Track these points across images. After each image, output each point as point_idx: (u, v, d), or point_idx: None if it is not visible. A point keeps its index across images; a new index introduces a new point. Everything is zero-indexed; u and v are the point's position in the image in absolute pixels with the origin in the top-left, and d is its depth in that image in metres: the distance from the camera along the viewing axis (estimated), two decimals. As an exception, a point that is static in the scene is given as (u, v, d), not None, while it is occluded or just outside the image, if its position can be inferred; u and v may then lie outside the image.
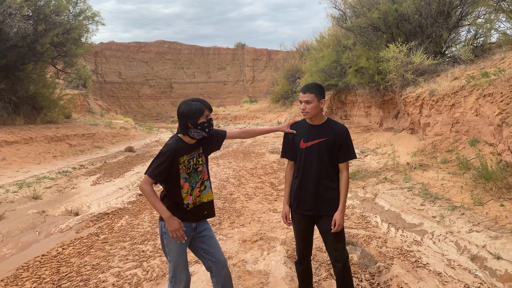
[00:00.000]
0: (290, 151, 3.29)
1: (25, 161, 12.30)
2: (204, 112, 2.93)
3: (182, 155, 2.94)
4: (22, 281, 4.48)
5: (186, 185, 2.99)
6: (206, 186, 3.14)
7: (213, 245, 3.14)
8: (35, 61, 17.16)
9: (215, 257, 3.13)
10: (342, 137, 3.12)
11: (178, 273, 3.00)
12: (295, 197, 3.23)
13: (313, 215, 3.19)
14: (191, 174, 3.01)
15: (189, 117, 2.91)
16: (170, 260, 3.01)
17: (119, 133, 21.51)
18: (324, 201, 3.14)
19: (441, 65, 12.26)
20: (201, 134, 2.97)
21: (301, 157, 3.17)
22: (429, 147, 9.28)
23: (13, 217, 6.79)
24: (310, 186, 3.14)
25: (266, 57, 68.52)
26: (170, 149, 2.89)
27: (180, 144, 2.96)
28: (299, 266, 3.41)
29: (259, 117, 37.15)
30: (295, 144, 3.23)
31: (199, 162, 3.07)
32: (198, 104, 2.93)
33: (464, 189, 6.11)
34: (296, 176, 3.24)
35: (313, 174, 3.13)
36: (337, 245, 3.14)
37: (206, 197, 3.13)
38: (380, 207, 6.55)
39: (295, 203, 3.24)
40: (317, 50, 21.82)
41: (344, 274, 3.19)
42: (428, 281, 3.97)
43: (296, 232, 3.30)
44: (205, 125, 2.94)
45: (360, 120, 18.54)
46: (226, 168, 11.87)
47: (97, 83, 55.11)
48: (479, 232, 4.63)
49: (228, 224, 6.35)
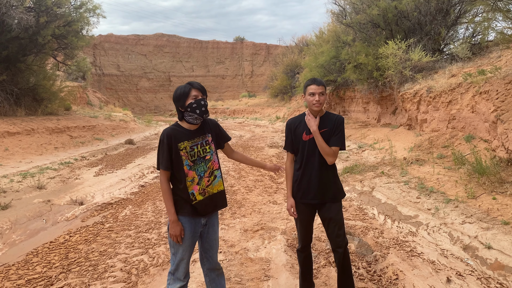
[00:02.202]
0: (292, 144, 3.40)
1: (27, 152, 12.44)
2: (190, 93, 2.89)
3: (181, 141, 2.89)
4: (32, 265, 4.67)
5: (191, 173, 2.92)
6: (217, 176, 3.06)
7: (213, 247, 3.13)
8: (36, 52, 17.25)
9: (212, 260, 3.15)
10: (337, 124, 3.29)
11: (180, 267, 2.98)
12: (299, 187, 3.35)
13: (316, 203, 3.34)
14: (197, 162, 2.94)
15: (176, 100, 2.92)
16: (175, 253, 2.97)
17: (118, 125, 21.64)
18: (327, 190, 3.30)
19: (439, 62, 12.44)
20: (193, 116, 2.89)
21: (304, 149, 3.30)
22: (426, 143, 9.48)
23: (19, 206, 6.96)
24: (314, 176, 3.28)
25: (265, 52, 68.60)
26: (164, 135, 2.88)
27: (178, 130, 2.93)
28: (301, 253, 3.57)
29: (257, 111, 37.28)
30: (297, 136, 3.34)
31: (206, 150, 3.00)
32: (183, 86, 2.92)
33: (458, 183, 6.32)
34: (298, 167, 3.36)
35: (317, 164, 3.27)
36: (339, 231, 3.31)
37: (216, 187, 3.06)
38: (377, 200, 6.75)
39: (300, 194, 3.35)
40: (317, 46, 21.92)
41: (344, 260, 3.36)
42: (422, 268, 4.18)
43: (300, 221, 3.44)
44: (193, 105, 2.86)
45: (358, 116, 18.72)
46: (226, 161, 12.04)
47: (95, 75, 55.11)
48: (471, 224, 4.83)
49: (229, 214, 6.54)
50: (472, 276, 3.92)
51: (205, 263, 3.19)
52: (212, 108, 46.47)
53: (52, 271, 4.49)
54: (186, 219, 2.95)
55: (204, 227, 3.08)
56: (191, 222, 2.97)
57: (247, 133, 23.04)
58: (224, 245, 5.15)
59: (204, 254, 3.16)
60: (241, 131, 24.49)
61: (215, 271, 3.21)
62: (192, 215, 2.96)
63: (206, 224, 3.08)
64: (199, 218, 3.01)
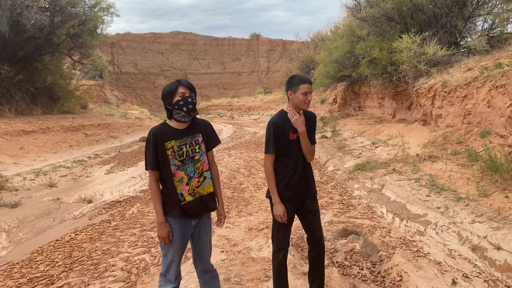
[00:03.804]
0: (278, 145, 3.23)
1: (42, 150, 12.63)
2: (177, 90, 2.82)
3: (167, 140, 2.83)
4: (36, 264, 4.70)
5: (179, 174, 2.85)
6: (206, 177, 2.98)
7: (206, 249, 3.07)
8: (52, 52, 17.51)
9: (205, 262, 3.09)
10: (314, 121, 3.36)
11: (171, 269, 2.94)
12: (287, 187, 3.24)
13: (300, 201, 3.31)
14: (186, 162, 2.87)
15: (164, 97, 2.87)
16: (165, 254, 2.94)
17: (134, 123, 21.83)
18: (309, 186, 3.32)
19: (455, 56, 12.09)
20: (181, 114, 2.82)
21: (291, 148, 3.23)
22: (440, 139, 9.23)
23: (29, 204, 7.05)
24: (301, 174, 3.25)
25: (281, 48, 68.21)
26: (150, 134, 2.84)
27: (165, 129, 2.87)
28: (284, 254, 3.34)
29: (273, 108, 37.09)
30: (284, 136, 3.22)
31: (196, 150, 2.93)
32: (171, 84, 2.87)
33: (471, 180, 6.11)
34: (284, 167, 3.25)
35: (302, 162, 3.26)
36: (320, 223, 3.37)
37: (206, 189, 2.98)
38: (386, 197, 6.59)
39: (289, 193, 3.25)
40: (331, 41, 21.66)
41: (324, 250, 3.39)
42: (428, 270, 4.04)
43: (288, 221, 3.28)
44: (180, 103, 2.79)
45: (373, 111, 18.43)
46: (238, 158, 12.00)
47: (113, 74, 55.78)
48: (481, 223, 4.65)
49: (235, 213, 6.48)
50: (479, 278, 3.77)
51: (198, 265, 3.13)
52: (228, 105, 46.51)
53: (54, 270, 4.51)
54: (176, 221, 2.89)
55: (195, 229, 3.01)
56: (181, 224, 2.91)
57: (262, 129, 22.95)
58: (227, 244, 5.09)
59: (197, 256, 3.09)
60: (255, 128, 24.43)
61: (208, 273, 3.15)
62: (182, 217, 2.89)
63: (197, 226, 3.02)
64: (189, 219, 2.94)
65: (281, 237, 3.33)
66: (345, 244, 4.88)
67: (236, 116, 39.84)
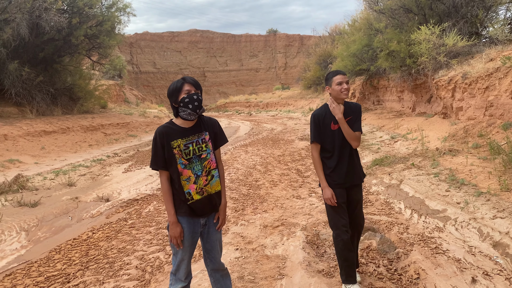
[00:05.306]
0: (321, 135, 3.50)
1: (62, 150, 12.86)
2: (182, 87, 2.79)
3: (174, 138, 2.81)
4: (53, 262, 4.76)
5: (186, 172, 2.83)
6: (214, 176, 2.95)
7: (215, 248, 3.03)
8: (71, 53, 17.80)
9: (215, 260, 3.06)
10: (358, 111, 3.55)
11: (181, 268, 2.93)
12: (334, 174, 3.48)
13: (348, 187, 3.53)
14: (193, 160, 2.85)
15: (170, 95, 2.84)
16: (175, 253, 2.92)
17: (152, 122, 22.03)
18: (356, 173, 3.54)
19: (476, 46, 11.75)
20: (187, 111, 2.79)
21: (334, 138, 3.47)
22: (461, 132, 8.99)
23: (48, 203, 7.17)
24: (347, 161, 3.47)
25: (299, 43, 67.78)
26: (156, 133, 2.83)
27: (171, 127, 2.85)
28: (346, 234, 3.44)
29: (290, 104, 36.94)
30: (325, 127, 3.49)
31: (203, 148, 2.90)
32: (176, 81, 2.84)
33: (492, 174, 5.91)
34: (330, 156, 3.50)
35: (347, 150, 3.48)
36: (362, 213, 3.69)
37: (214, 187, 2.95)
38: (404, 193, 6.45)
39: (336, 179, 3.48)
40: (349, 34, 21.39)
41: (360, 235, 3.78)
42: (446, 267, 3.92)
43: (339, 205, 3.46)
44: (185, 100, 2.76)
45: (392, 105, 18.12)
46: (254, 155, 11.97)
47: (132, 73, 56.47)
48: (503, 219, 4.49)
49: (251, 210, 6.45)
50: (501, 276, 3.63)
51: (208, 263, 3.10)
52: (246, 102, 46.52)
53: (71, 268, 4.56)
54: (184, 219, 2.88)
55: (204, 227, 2.99)
56: (190, 222, 2.90)
57: (279, 126, 22.86)
58: (242, 242, 5.06)
59: (207, 255, 3.07)
60: (273, 124, 24.34)
61: (219, 271, 3.12)
62: (190, 215, 2.88)
63: (206, 224, 2.99)
64: (197, 218, 2.92)
65: (337, 219, 3.48)
66: (362, 241, 4.78)
67: (254, 113, 39.84)
